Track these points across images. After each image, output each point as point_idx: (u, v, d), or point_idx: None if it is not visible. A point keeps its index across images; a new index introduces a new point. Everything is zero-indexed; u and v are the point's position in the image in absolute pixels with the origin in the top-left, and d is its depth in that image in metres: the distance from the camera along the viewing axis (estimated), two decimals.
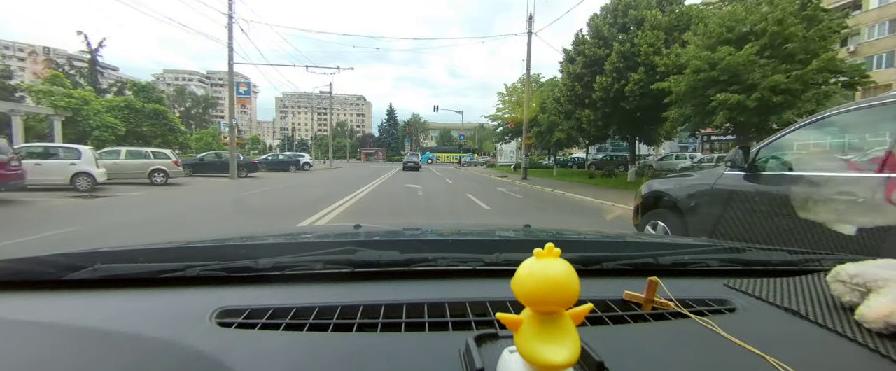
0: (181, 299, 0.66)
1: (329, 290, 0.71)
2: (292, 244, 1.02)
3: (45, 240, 4.70)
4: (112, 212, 7.67)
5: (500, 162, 44.25)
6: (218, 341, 0.51)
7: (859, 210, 1.95)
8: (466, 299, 0.65)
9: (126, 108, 25.36)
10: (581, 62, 17.29)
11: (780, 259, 0.96)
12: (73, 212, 7.39)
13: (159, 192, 11.29)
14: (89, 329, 0.54)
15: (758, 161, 2.67)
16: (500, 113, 33.16)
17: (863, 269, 0.61)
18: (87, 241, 4.55)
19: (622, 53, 15.36)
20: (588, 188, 13.90)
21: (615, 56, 15.45)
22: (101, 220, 6.50)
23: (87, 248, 0.77)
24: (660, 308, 0.62)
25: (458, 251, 0.89)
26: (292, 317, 0.59)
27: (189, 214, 7.35)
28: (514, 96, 31.06)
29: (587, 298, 0.53)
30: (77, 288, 0.68)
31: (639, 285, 0.65)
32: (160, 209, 8.01)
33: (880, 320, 0.53)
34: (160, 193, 11.06)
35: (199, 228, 5.92)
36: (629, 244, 1.10)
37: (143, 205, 8.67)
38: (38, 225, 6.00)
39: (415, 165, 29.29)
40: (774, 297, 0.68)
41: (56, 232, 5.17)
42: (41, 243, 4.51)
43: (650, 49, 14.58)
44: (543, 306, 0.37)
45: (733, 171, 2.79)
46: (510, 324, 0.39)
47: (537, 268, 0.37)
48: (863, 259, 0.66)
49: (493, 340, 0.48)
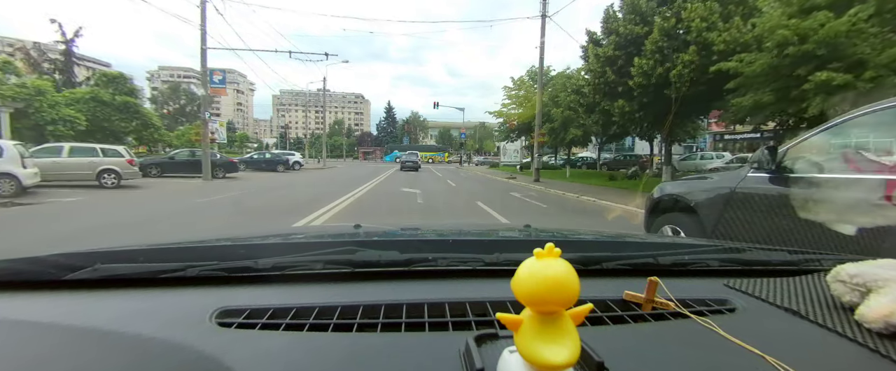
0: (181, 299, 0.66)
1: (329, 290, 0.71)
2: (292, 244, 1.02)
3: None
4: (16, 226, 6.06)
5: (503, 161, 42.33)
6: (218, 341, 0.51)
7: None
8: (466, 299, 0.65)
9: (92, 101, 22.29)
10: (613, 42, 13.93)
11: (780, 259, 0.96)
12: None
13: (102, 198, 9.32)
14: (89, 329, 0.54)
15: (786, 162, 2.43)
16: (505, 108, 30.62)
17: (863, 269, 0.61)
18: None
19: (666, 30, 12.39)
20: (617, 193, 11.80)
21: (657, 33, 12.38)
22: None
23: (87, 247, 0.77)
24: (660, 308, 0.62)
25: (458, 251, 0.89)
26: (292, 317, 0.59)
27: (103, 231, 5.60)
28: (522, 90, 29.15)
29: (587, 298, 0.53)
30: (77, 288, 0.68)
31: (639, 285, 0.65)
32: (78, 222, 6.28)
33: (880, 320, 0.53)
34: (102, 199, 9.11)
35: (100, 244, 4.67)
36: (629, 244, 1.10)
37: (68, 216, 6.92)
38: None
39: (413, 165, 27.53)
40: (774, 297, 0.68)
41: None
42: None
43: (702, 24, 11.56)
44: (543, 306, 0.37)
45: (758, 174, 2.57)
46: (510, 324, 0.39)
47: (537, 268, 0.37)
48: (863, 259, 0.66)
49: (493, 340, 0.48)
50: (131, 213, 7.57)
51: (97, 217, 6.86)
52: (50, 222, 6.41)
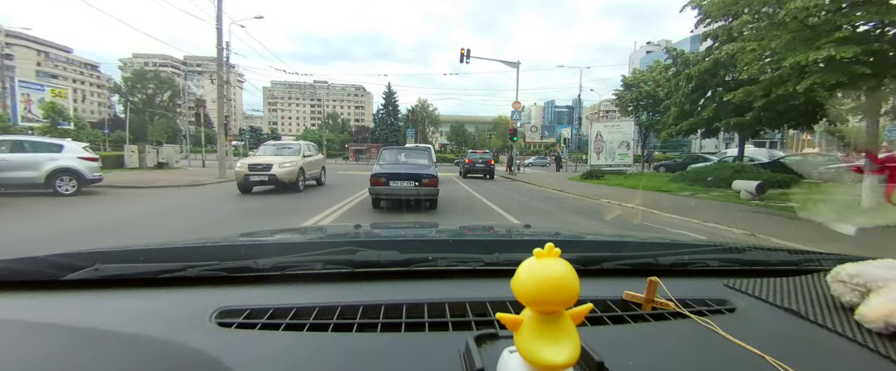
0: (181, 299, 0.66)
1: (329, 290, 0.71)
2: (292, 244, 1.02)
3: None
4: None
5: (597, 164, 19.03)
6: (218, 341, 0.51)
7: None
8: (466, 299, 0.65)
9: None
10: None
11: (780, 259, 0.96)
12: None
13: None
14: (89, 329, 0.54)
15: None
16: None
17: (863, 269, 0.61)
18: None
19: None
20: None
21: None
22: None
23: (87, 247, 0.77)
24: (660, 308, 0.62)
25: (458, 251, 0.89)
26: (292, 317, 0.59)
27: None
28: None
29: (587, 298, 0.53)
30: (77, 288, 0.68)
31: (639, 285, 0.65)
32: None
33: (880, 320, 0.53)
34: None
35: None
36: (629, 244, 1.10)
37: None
38: None
39: (414, 177, 6.78)
40: (774, 297, 0.68)
41: None
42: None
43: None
44: (543, 306, 0.37)
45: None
46: (510, 324, 0.39)
47: (537, 268, 0.37)
48: (863, 259, 0.66)
49: (493, 340, 0.48)
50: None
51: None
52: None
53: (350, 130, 70.46)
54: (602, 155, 19.49)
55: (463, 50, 18.92)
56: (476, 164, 17.91)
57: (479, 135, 60.69)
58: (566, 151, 34.68)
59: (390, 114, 56.65)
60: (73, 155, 9.10)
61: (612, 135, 19.43)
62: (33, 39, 28.96)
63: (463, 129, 61.39)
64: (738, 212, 7.83)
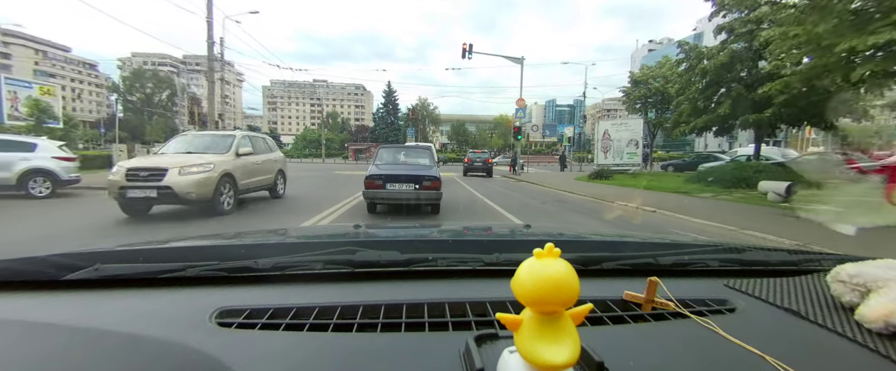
0: (181, 299, 0.66)
1: (329, 290, 0.71)
2: (292, 244, 1.02)
3: None
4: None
5: (603, 164, 17.99)
6: (218, 341, 0.51)
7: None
8: (466, 299, 0.65)
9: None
10: None
11: (780, 259, 0.96)
12: None
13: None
14: (89, 329, 0.54)
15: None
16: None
17: (863, 269, 0.61)
18: None
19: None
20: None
21: None
22: None
23: (87, 247, 0.77)
24: (660, 308, 0.62)
25: (457, 251, 0.89)
26: (292, 317, 0.59)
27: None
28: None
29: (587, 298, 0.53)
30: (77, 288, 0.68)
31: (639, 285, 0.65)
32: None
33: (880, 320, 0.53)
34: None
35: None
36: (629, 244, 1.10)
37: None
38: None
39: (414, 179, 6.03)
40: (774, 297, 0.68)
41: None
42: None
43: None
44: (543, 306, 0.37)
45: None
46: (510, 324, 0.39)
47: (537, 268, 0.37)
48: (863, 259, 0.66)
49: (493, 340, 0.48)
50: None
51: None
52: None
53: (350, 130, 69.35)
54: (609, 154, 18.91)
55: (465, 45, 18.59)
56: (475, 163, 19.48)
57: (479, 134, 61.23)
58: (570, 150, 34.05)
59: (390, 113, 55.94)
60: (47, 154, 8.50)
61: (620, 133, 18.94)
62: (31, 38, 28.71)
63: (464, 129, 61.09)
64: (771, 215, 7.14)
